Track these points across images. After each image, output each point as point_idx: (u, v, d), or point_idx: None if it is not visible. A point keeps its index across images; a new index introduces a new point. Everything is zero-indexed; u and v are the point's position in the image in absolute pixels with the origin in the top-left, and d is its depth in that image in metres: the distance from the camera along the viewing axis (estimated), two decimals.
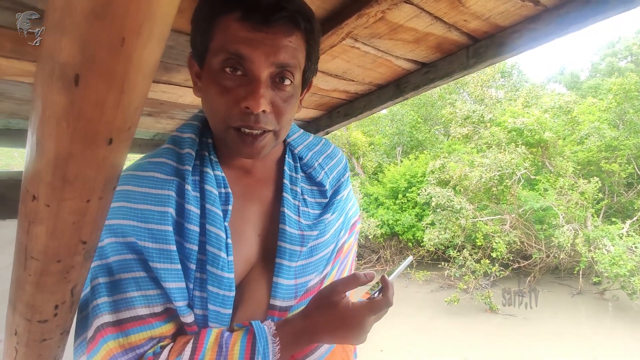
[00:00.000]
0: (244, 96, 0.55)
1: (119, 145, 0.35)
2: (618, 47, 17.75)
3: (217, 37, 0.56)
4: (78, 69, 0.28)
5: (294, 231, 0.66)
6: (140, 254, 0.58)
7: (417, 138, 13.01)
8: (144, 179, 0.60)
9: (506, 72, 13.65)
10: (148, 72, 0.31)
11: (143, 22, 0.27)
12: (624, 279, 6.84)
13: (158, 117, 1.58)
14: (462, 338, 6.91)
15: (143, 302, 0.58)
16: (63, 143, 0.33)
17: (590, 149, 9.24)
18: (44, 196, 0.38)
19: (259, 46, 0.54)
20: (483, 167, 8.51)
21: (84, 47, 0.26)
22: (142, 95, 0.33)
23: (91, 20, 0.25)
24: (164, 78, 1.17)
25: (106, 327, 0.57)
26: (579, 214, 7.95)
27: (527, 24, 0.96)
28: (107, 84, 0.29)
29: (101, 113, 0.31)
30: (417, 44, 1.08)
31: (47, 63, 0.28)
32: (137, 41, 0.28)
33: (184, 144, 0.64)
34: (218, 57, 0.55)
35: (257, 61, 0.54)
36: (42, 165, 0.36)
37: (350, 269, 0.81)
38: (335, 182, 0.77)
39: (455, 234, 8.57)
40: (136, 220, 0.58)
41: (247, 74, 0.56)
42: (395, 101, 1.38)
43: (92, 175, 0.37)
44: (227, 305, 0.60)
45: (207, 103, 0.60)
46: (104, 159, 0.36)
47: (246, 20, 0.53)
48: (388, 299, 0.59)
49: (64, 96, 0.29)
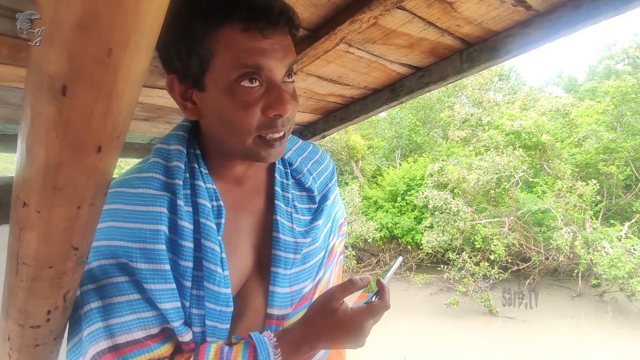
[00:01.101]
0: (271, 105, 0.55)
1: (108, 153, 0.36)
2: (615, 50, 17.88)
3: (221, 54, 0.52)
4: (66, 80, 0.28)
5: (288, 239, 0.66)
6: (133, 275, 0.56)
7: (416, 141, 13.05)
8: (133, 196, 0.58)
9: (504, 75, 13.71)
10: (136, 81, 0.32)
11: (130, 34, 0.27)
12: (623, 281, 6.84)
13: (155, 122, 1.59)
14: (461, 341, 6.90)
15: (139, 325, 0.57)
16: (52, 152, 0.33)
17: (588, 152, 9.27)
18: (35, 203, 0.39)
19: (272, 54, 0.53)
20: (481, 170, 8.53)
21: (71, 59, 0.27)
22: (130, 104, 0.33)
23: (78, 33, 0.26)
24: (160, 83, 1.18)
25: (103, 355, 0.55)
26: (577, 217, 7.96)
27: (519, 29, 0.97)
28: (94, 94, 0.29)
29: (89, 122, 0.31)
30: (410, 48, 1.09)
31: (36, 74, 0.29)
32: (125, 52, 0.28)
33: (171, 156, 0.61)
34: (231, 73, 0.53)
35: (275, 68, 0.54)
36: (32, 173, 0.36)
37: (337, 273, 0.82)
38: (323, 187, 0.77)
39: (453, 237, 8.57)
40: (127, 240, 0.56)
41: (265, 82, 0.55)
42: (390, 105, 1.39)
43: (82, 183, 0.37)
44: (224, 320, 0.60)
45: (222, 120, 0.57)
46: (94, 166, 0.36)
47: (252, 30, 0.52)
48: (386, 301, 0.60)
49: (53, 106, 0.30)
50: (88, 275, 0.57)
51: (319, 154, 0.81)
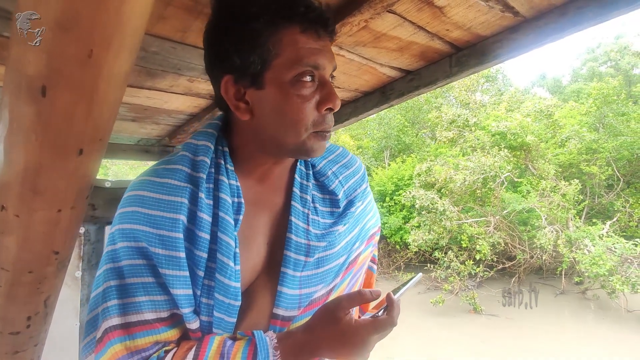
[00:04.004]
0: (324, 99, 0.60)
1: (90, 155, 0.35)
2: (598, 53, 18.31)
3: (284, 53, 0.57)
4: (45, 81, 0.27)
5: (300, 240, 0.66)
6: (150, 260, 0.59)
7: (405, 141, 13.15)
8: (158, 185, 0.61)
9: (491, 77, 13.92)
10: (119, 82, 0.31)
11: (112, 34, 0.26)
12: (604, 278, 7.03)
13: (142, 123, 1.56)
14: (445, 338, 6.99)
15: (150, 307, 0.59)
16: (32, 154, 0.32)
17: (571, 152, 9.49)
18: (13, 207, 0.37)
19: (326, 55, 0.59)
20: (467, 170, 8.65)
21: (51, 59, 0.26)
22: (113, 105, 0.33)
23: (58, 33, 0.25)
24: (148, 84, 1.16)
25: (114, 330, 0.58)
26: (560, 216, 8.14)
27: (507, 34, 0.98)
28: (75, 95, 0.28)
29: (70, 124, 0.30)
30: (401, 52, 1.09)
31: (14, 74, 0.28)
32: (107, 53, 0.27)
33: (198, 151, 0.64)
34: (292, 70, 0.57)
35: (327, 68, 0.61)
36: (10, 176, 0.35)
37: (362, 282, 0.81)
38: (350, 192, 0.76)
39: (440, 236, 8.68)
40: (148, 225, 0.58)
41: (318, 80, 0.60)
42: (380, 108, 1.40)
43: (63, 186, 0.36)
44: (232, 313, 0.61)
45: (279, 116, 0.60)
46: (75, 169, 0.35)
47: (310, 32, 0.58)
48: (392, 318, 0.58)
49: (32, 107, 0.29)
50: (112, 254, 0.60)
51: (348, 158, 0.80)
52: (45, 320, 0.56)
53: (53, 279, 0.49)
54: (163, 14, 0.80)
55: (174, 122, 1.67)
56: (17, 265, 0.44)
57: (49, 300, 0.52)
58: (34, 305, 0.51)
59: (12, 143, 0.33)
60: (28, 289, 0.47)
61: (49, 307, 0.54)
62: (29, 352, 0.58)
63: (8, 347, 0.55)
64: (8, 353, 0.56)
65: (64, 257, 0.47)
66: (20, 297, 0.48)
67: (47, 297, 0.51)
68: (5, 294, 0.47)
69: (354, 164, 0.80)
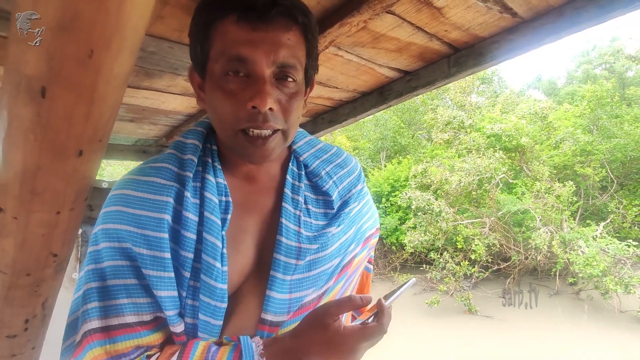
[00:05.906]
0: (251, 96, 0.55)
1: (89, 156, 0.34)
2: (593, 55, 18.48)
3: (216, 44, 0.55)
4: (45, 82, 0.27)
5: (290, 243, 0.64)
6: (134, 261, 0.57)
7: (401, 143, 13.17)
8: (143, 184, 0.59)
9: (486, 79, 14.00)
10: (119, 83, 0.31)
11: (112, 34, 0.26)
12: (597, 279, 7.09)
13: (140, 123, 1.55)
14: (439, 338, 7.01)
15: (132, 309, 0.57)
16: (31, 155, 0.32)
17: (565, 154, 9.56)
18: (12, 209, 0.37)
19: (259, 46, 0.54)
20: (463, 172, 8.69)
21: (50, 59, 0.26)
22: (113, 106, 0.32)
23: (58, 33, 0.24)
24: (145, 84, 1.15)
25: (94, 333, 0.56)
26: (555, 217, 8.20)
27: (505, 35, 0.98)
28: (75, 96, 0.28)
29: (70, 125, 0.30)
30: (399, 52, 1.09)
31: (13, 75, 0.27)
32: (107, 53, 0.27)
33: (186, 149, 0.63)
34: (219, 62, 0.55)
35: (259, 61, 0.54)
36: (8, 177, 0.34)
37: (356, 284, 0.78)
38: (345, 192, 0.74)
39: (436, 237, 8.70)
40: (132, 225, 0.57)
41: (250, 75, 0.55)
42: (379, 108, 1.40)
43: (62, 187, 0.36)
44: (217, 316, 0.59)
45: (213, 110, 0.59)
46: (74, 170, 0.35)
47: (243, 22, 0.53)
48: (382, 326, 0.56)
49: (31, 108, 0.28)
50: (95, 255, 0.58)
51: (343, 157, 0.78)
52: (43, 323, 0.55)
53: (51, 282, 0.48)
54: (160, 14, 0.79)
55: (172, 122, 1.66)
56: (14, 267, 0.43)
57: (47, 303, 0.52)
58: (31, 308, 0.50)
59: (11, 144, 0.33)
60: (26, 292, 0.47)
61: (47, 310, 0.53)
62: (26, 356, 0.57)
63: (5, 351, 0.54)
64: (5, 356, 0.55)
65: (62, 259, 0.46)
66: (17, 299, 0.47)
67: (45, 299, 0.50)
68: (3, 296, 0.46)
69: (349, 164, 0.77)
